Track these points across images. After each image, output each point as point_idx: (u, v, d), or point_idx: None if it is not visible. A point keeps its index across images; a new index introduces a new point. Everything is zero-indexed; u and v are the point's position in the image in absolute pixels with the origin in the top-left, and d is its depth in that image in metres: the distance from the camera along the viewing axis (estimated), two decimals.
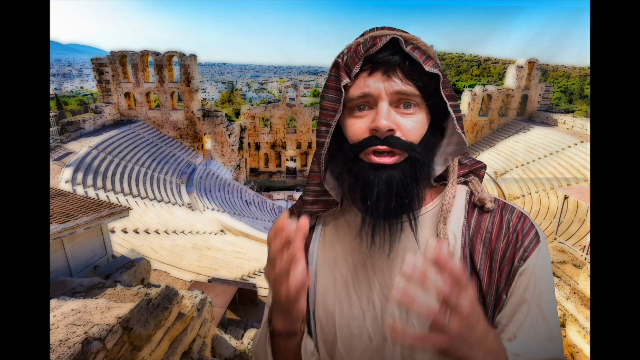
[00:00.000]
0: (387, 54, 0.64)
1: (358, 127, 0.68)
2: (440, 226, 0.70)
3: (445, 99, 0.66)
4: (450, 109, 0.67)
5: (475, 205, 0.74)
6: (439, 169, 0.75)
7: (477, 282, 0.68)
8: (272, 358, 0.76)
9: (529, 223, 0.70)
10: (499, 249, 0.68)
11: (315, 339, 0.81)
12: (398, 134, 0.65)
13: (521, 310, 0.66)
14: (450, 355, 0.52)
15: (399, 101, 0.65)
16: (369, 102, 0.66)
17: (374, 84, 0.64)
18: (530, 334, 0.65)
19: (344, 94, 0.67)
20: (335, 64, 0.69)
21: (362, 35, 0.71)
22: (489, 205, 0.71)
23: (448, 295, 0.48)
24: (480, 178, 0.80)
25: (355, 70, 0.65)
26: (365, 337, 0.73)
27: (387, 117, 0.64)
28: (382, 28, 0.69)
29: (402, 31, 0.68)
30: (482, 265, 0.68)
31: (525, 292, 0.66)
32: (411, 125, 0.66)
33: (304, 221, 0.58)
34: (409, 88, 0.64)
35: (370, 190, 0.66)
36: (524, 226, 0.69)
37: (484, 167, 0.82)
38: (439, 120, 0.73)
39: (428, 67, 0.63)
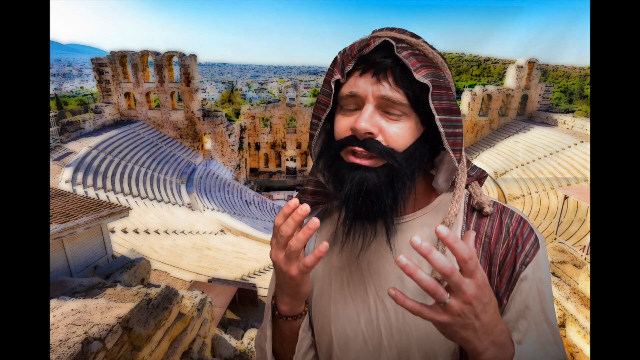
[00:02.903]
0: (380, 56, 0.62)
1: (342, 124, 0.67)
2: (440, 245, 0.68)
3: (434, 112, 0.62)
4: (438, 123, 0.62)
5: (474, 209, 0.73)
6: (443, 184, 0.74)
7: None
8: (271, 343, 0.77)
9: (528, 227, 0.69)
10: (498, 254, 0.68)
11: (315, 343, 0.81)
12: (379, 138, 0.63)
13: (525, 317, 0.66)
14: (451, 335, 0.52)
15: (387, 106, 0.63)
16: (357, 102, 0.65)
17: (363, 85, 0.63)
18: (535, 339, 0.65)
19: (333, 90, 0.67)
20: (335, 59, 0.69)
21: (372, 33, 0.69)
22: (488, 209, 0.71)
23: (449, 273, 0.47)
24: (481, 183, 0.80)
25: (348, 68, 0.65)
26: (360, 339, 0.72)
27: (367, 120, 0.62)
28: (392, 29, 0.66)
29: (412, 35, 0.65)
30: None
31: (527, 298, 0.66)
32: (394, 131, 0.63)
33: (307, 207, 0.60)
34: (396, 95, 0.61)
35: (342, 189, 0.65)
36: (523, 230, 0.69)
37: (486, 176, 0.81)
38: (438, 134, 0.69)
39: (418, 76, 0.60)
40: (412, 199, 0.74)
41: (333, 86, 0.67)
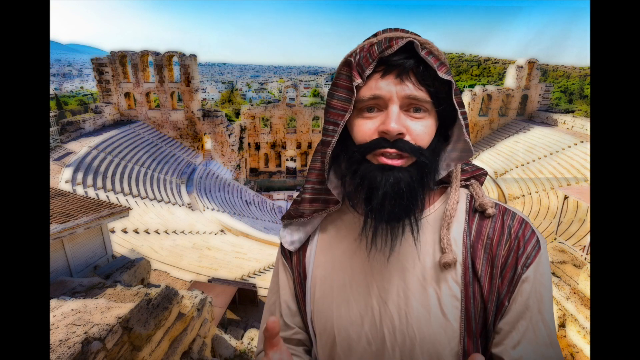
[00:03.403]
0: (402, 57, 0.63)
1: (367, 128, 0.66)
2: (444, 232, 0.69)
3: (457, 106, 0.65)
4: (460, 116, 0.66)
5: (476, 210, 0.73)
6: (441, 174, 0.74)
7: (478, 288, 0.67)
8: None
9: (530, 229, 0.70)
10: (500, 255, 0.68)
11: (315, 345, 0.81)
12: (407, 137, 0.64)
13: (525, 318, 0.66)
14: None
15: (410, 105, 0.65)
16: (379, 104, 0.65)
17: (386, 86, 0.63)
18: (532, 340, 0.65)
19: (355, 94, 0.66)
20: (347, 63, 0.67)
21: (375, 35, 0.69)
22: (490, 210, 0.71)
23: None
24: (481, 182, 0.80)
25: (369, 71, 0.64)
26: (364, 341, 0.72)
27: (397, 121, 0.63)
28: (395, 30, 0.68)
29: (415, 34, 0.67)
30: (483, 271, 0.68)
31: (528, 299, 0.66)
32: (420, 129, 0.65)
33: (272, 324, 0.59)
34: (420, 93, 0.63)
35: (375, 191, 0.65)
36: (525, 232, 0.69)
37: (485, 173, 0.81)
38: (445, 126, 0.72)
39: (442, 74, 0.62)
40: (430, 194, 0.76)
41: (355, 91, 0.66)
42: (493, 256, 0.68)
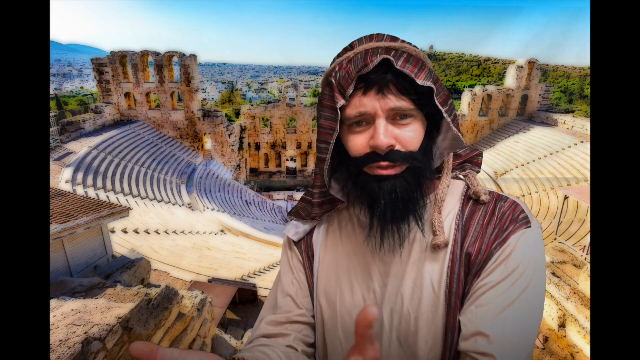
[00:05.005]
0: (380, 72, 0.64)
1: (358, 142, 0.69)
2: (435, 215, 0.72)
3: (440, 107, 0.66)
4: (445, 115, 0.67)
5: (471, 198, 0.76)
6: (436, 163, 0.77)
7: (465, 264, 0.69)
8: None
9: (519, 209, 0.71)
10: (489, 233, 0.70)
11: (317, 330, 0.84)
12: (398, 147, 0.66)
13: (491, 284, 0.64)
14: None
15: (395, 115, 0.66)
16: (366, 118, 0.67)
17: (370, 102, 0.65)
18: (491, 309, 0.62)
19: (339, 114, 0.68)
20: (328, 84, 0.69)
21: (351, 46, 0.70)
22: (483, 197, 0.73)
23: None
24: (478, 165, 0.82)
25: (350, 91, 0.65)
26: None
27: (385, 134, 0.65)
28: (371, 37, 0.69)
29: (391, 38, 0.68)
30: (473, 249, 0.69)
31: (498, 266, 0.65)
32: (409, 135, 0.67)
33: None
34: (403, 103, 0.65)
35: (376, 200, 0.68)
36: (514, 211, 0.70)
37: (480, 154, 0.83)
38: (435, 120, 0.74)
39: (420, 81, 0.63)
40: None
41: (339, 112, 0.67)
42: (483, 234, 0.70)
